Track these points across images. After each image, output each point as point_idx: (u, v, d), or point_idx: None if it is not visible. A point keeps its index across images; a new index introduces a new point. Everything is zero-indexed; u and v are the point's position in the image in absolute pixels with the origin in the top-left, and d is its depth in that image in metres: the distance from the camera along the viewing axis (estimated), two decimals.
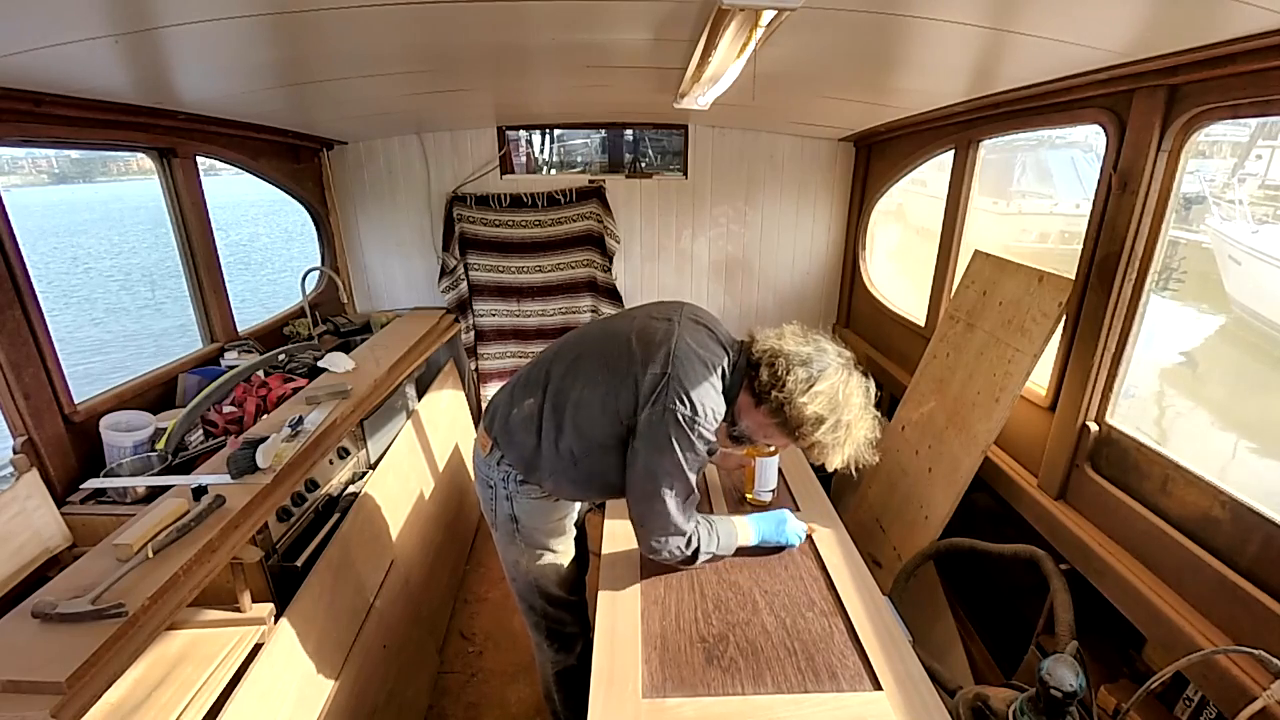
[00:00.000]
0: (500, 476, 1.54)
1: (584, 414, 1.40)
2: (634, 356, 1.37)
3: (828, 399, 1.31)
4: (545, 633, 1.74)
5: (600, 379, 1.40)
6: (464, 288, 3.52)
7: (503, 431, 1.52)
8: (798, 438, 1.36)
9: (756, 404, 1.39)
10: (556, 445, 1.43)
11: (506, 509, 1.56)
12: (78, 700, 1.05)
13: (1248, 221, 6.84)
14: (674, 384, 1.30)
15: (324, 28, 1.51)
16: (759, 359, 1.38)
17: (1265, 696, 1.11)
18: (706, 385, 1.34)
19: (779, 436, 1.41)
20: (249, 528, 1.51)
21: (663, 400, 1.30)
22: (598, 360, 1.43)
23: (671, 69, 2.05)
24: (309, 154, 3.20)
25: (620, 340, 1.43)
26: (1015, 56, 1.65)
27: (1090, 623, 1.51)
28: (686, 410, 1.30)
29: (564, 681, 1.81)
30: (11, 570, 1.45)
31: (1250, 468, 4.64)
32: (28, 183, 38.80)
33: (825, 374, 1.33)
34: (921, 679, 1.20)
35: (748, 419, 1.44)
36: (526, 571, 1.63)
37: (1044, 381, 1.93)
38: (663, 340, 1.38)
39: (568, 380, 1.44)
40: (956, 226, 2.53)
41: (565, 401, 1.42)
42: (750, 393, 1.40)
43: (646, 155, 4.59)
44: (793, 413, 1.31)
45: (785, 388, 1.31)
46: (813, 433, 1.32)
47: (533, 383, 1.50)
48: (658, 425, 1.30)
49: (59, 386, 1.77)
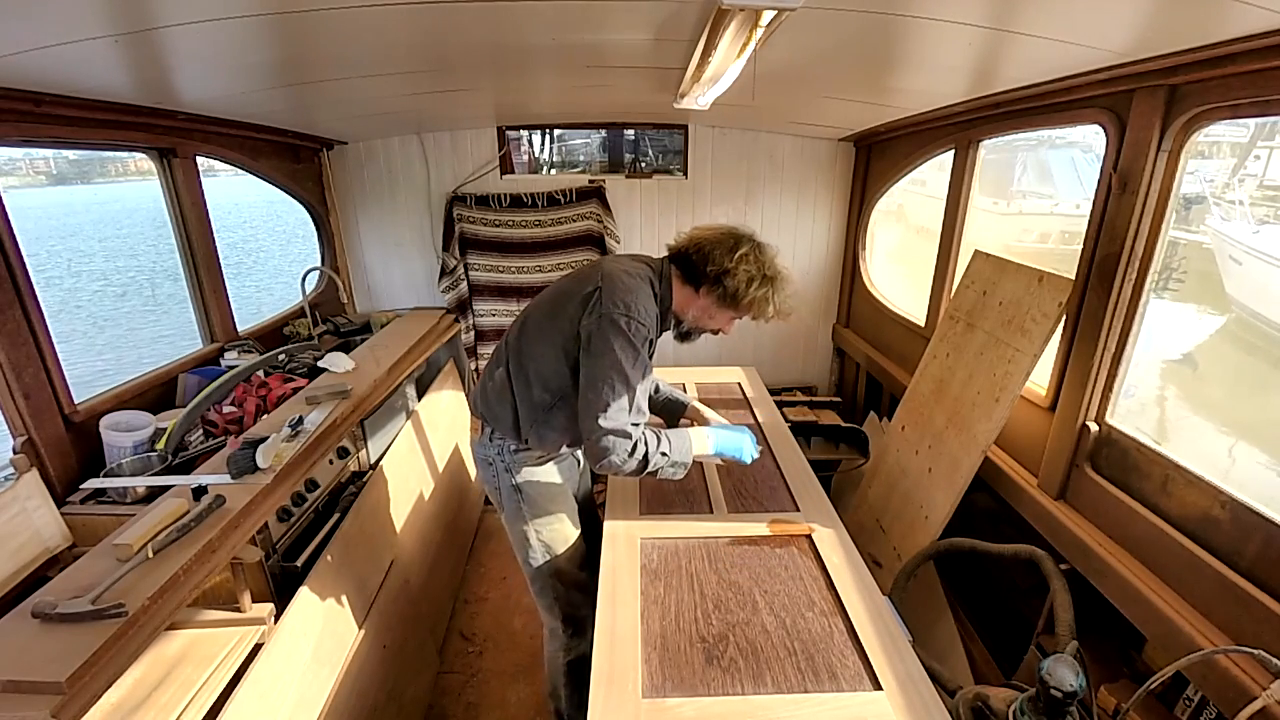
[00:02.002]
0: (496, 451, 1.65)
1: (543, 363, 1.54)
2: (569, 294, 1.53)
3: (752, 259, 1.51)
4: (561, 616, 1.76)
5: (545, 326, 1.55)
6: (464, 288, 3.52)
7: (486, 408, 1.66)
8: (738, 301, 1.53)
9: (696, 290, 1.56)
10: (530, 400, 1.57)
11: (508, 481, 1.65)
12: (78, 700, 1.05)
13: (1248, 222, 6.84)
14: (605, 294, 1.45)
15: (324, 27, 1.51)
16: (684, 253, 1.56)
17: (1265, 696, 1.11)
18: (637, 291, 1.48)
19: (722, 313, 1.59)
20: (249, 528, 1.51)
21: (597, 310, 1.44)
22: (541, 314, 1.59)
23: (671, 69, 2.05)
24: (309, 154, 3.20)
25: (555, 292, 1.61)
26: (1015, 56, 1.65)
27: (1090, 623, 1.51)
28: (620, 309, 1.42)
29: (574, 673, 1.81)
30: (11, 570, 1.45)
31: (1249, 468, 4.64)
32: (25, 184, 38.65)
33: (741, 242, 1.54)
34: (921, 679, 1.20)
35: (691, 308, 1.60)
36: (538, 545, 1.68)
37: (1044, 381, 1.93)
38: (590, 273, 1.56)
39: (523, 340, 1.59)
40: (956, 226, 2.53)
41: (525, 359, 1.57)
42: (686, 283, 1.57)
43: (647, 155, 4.59)
44: (729, 281, 1.50)
45: (716, 260, 1.50)
46: (748, 291, 1.51)
47: (497, 357, 1.67)
48: (595, 333, 1.43)
49: (59, 386, 1.77)
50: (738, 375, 2.72)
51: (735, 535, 1.60)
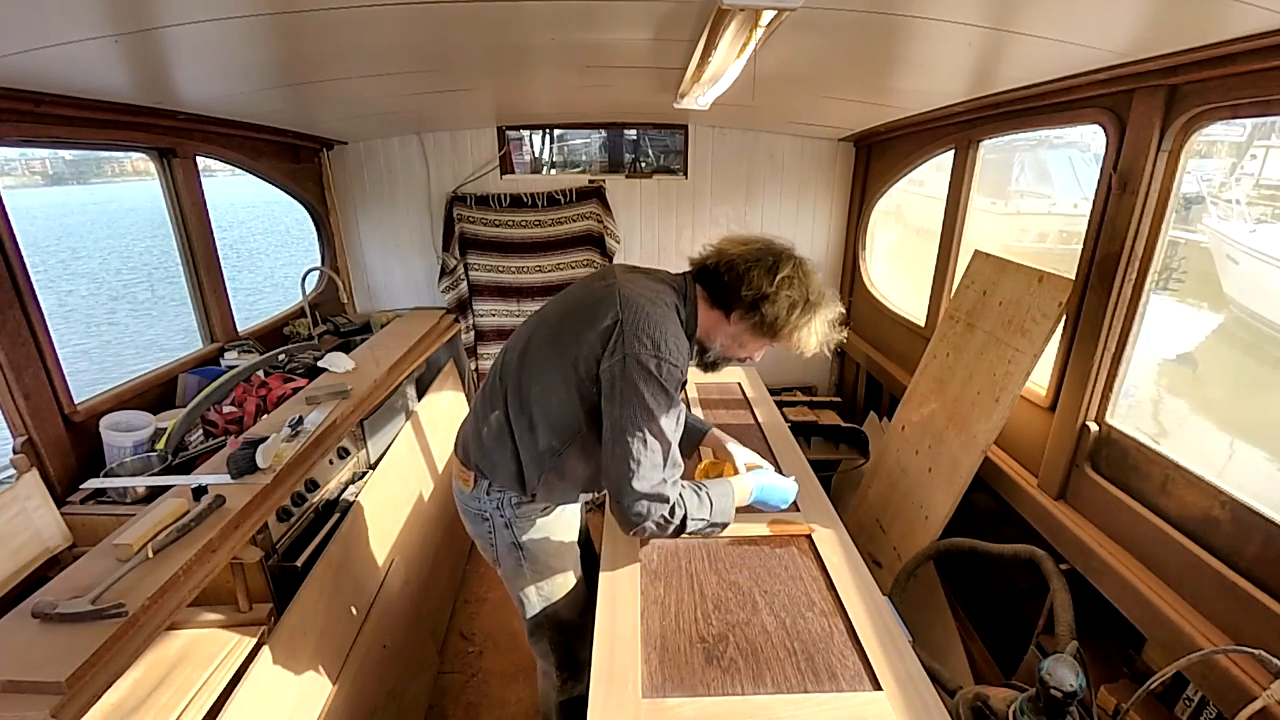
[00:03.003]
0: (494, 506, 1.45)
1: (550, 402, 1.33)
2: (579, 323, 1.31)
3: (794, 282, 1.30)
4: (556, 662, 1.65)
5: (552, 361, 1.33)
6: (464, 288, 3.52)
7: (481, 456, 1.44)
8: (777, 330, 1.33)
9: (726, 315, 1.35)
10: (535, 448, 1.37)
11: (508, 539, 1.48)
12: (78, 700, 1.05)
13: (1245, 221, 6.85)
14: (628, 329, 1.24)
15: (324, 27, 1.51)
16: (714, 271, 1.35)
17: (1265, 696, 1.11)
18: (663, 321, 1.28)
19: (755, 341, 1.38)
20: (249, 528, 1.51)
21: (620, 349, 1.23)
22: (545, 345, 1.37)
23: (671, 69, 2.05)
24: (309, 154, 3.20)
25: (559, 318, 1.38)
26: (1015, 56, 1.65)
27: (1090, 623, 1.51)
28: (648, 348, 1.23)
29: (568, 712, 1.71)
30: (11, 570, 1.45)
31: (1248, 468, 4.64)
32: (21, 184, 38.45)
33: (782, 261, 1.32)
34: (921, 679, 1.20)
35: (719, 336, 1.40)
36: (537, 599, 1.56)
37: (1044, 381, 1.93)
38: (603, 297, 1.32)
39: (523, 376, 1.37)
40: (956, 226, 2.53)
41: (528, 398, 1.35)
42: (715, 307, 1.36)
43: (647, 155, 4.60)
44: (767, 306, 1.29)
45: (753, 284, 1.29)
46: (790, 319, 1.30)
47: (491, 395, 1.44)
48: (620, 376, 1.23)
49: (59, 386, 1.77)
50: (738, 375, 2.72)
51: (735, 535, 1.60)
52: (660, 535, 1.35)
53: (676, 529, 1.34)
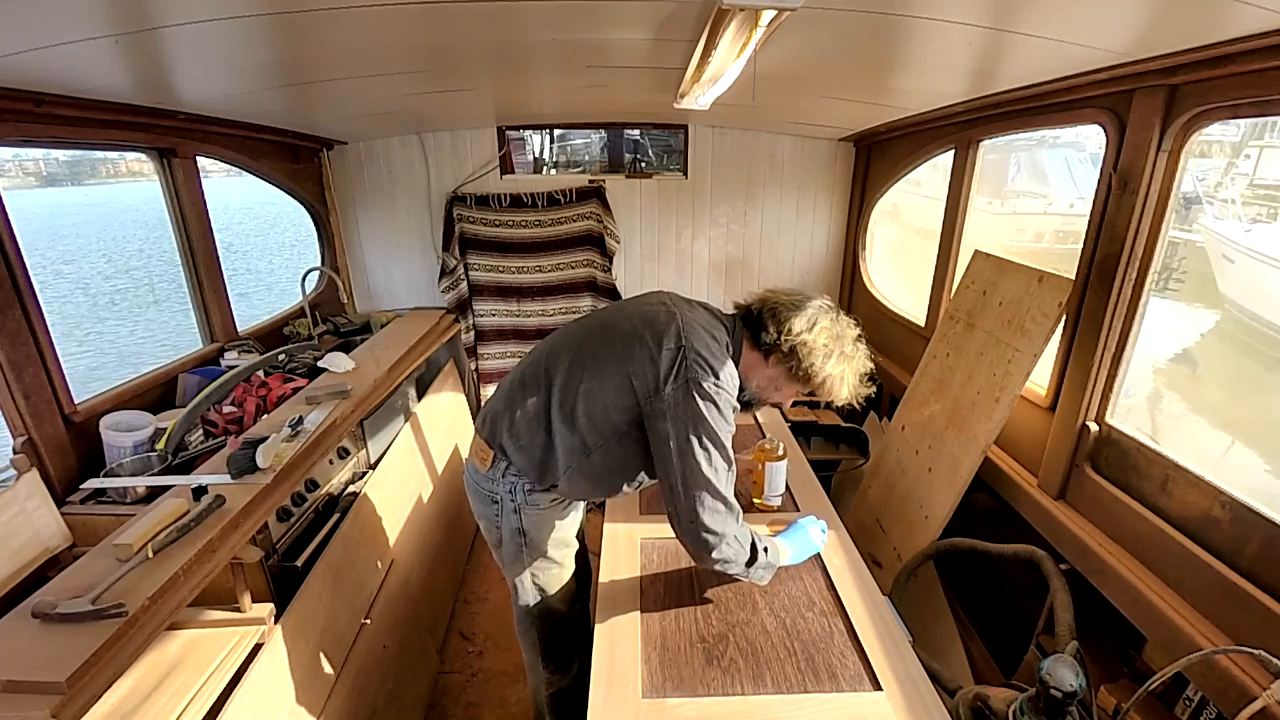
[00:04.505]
0: (506, 489, 1.49)
1: (596, 403, 1.38)
2: (643, 339, 1.38)
3: (829, 333, 1.40)
4: (541, 653, 1.70)
5: (610, 366, 1.39)
6: (464, 288, 3.52)
7: (508, 437, 1.47)
8: (810, 377, 1.41)
9: (765, 357, 1.43)
10: (569, 440, 1.41)
11: (514, 523, 1.52)
12: (78, 700, 1.05)
13: (1240, 220, 6.86)
14: (692, 356, 1.32)
15: (324, 27, 1.50)
16: (758, 314, 1.44)
17: (1265, 696, 1.12)
18: (721, 355, 1.37)
19: (789, 385, 1.47)
20: (249, 528, 1.50)
21: (684, 374, 1.31)
22: (603, 349, 1.42)
23: (671, 69, 2.05)
24: (309, 154, 3.20)
25: (622, 329, 1.44)
26: (1015, 56, 1.65)
27: (1090, 623, 1.51)
28: (711, 378, 1.31)
29: (558, 704, 1.76)
30: (11, 570, 1.45)
31: (1246, 467, 4.65)
32: (15, 185, 38.17)
33: (820, 313, 1.43)
34: (921, 679, 1.20)
35: (756, 377, 1.47)
36: (532, 588, 1.60)
37: (1044, 381, 1.93)
38: (668, 320, 1.40)
39: (574, 372, 1.42)
40: (956, 226, 2.53)
41: (574, 394, 1.40)
42: (756, 348, 1.44)
43: (647, 155, 4.60)
44: (804, 352, 1.38)
45: (793, 331, 1.38)
46: (823, 367, 1.39)
47: (533, 381, 1.47)
48: (685, 401, 1.30)
49: (59, 386, 1.77)
50: None
51: None
52: (734, 562, 1.36)
53: (749, 560, 1.38)
